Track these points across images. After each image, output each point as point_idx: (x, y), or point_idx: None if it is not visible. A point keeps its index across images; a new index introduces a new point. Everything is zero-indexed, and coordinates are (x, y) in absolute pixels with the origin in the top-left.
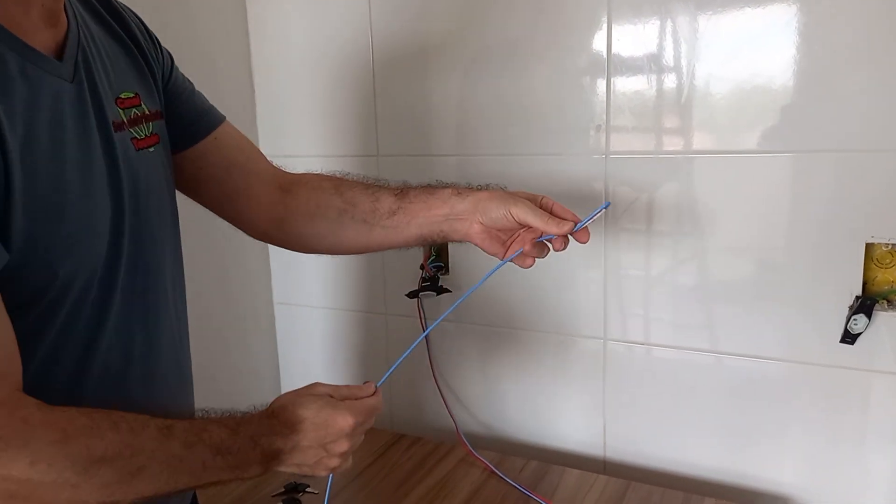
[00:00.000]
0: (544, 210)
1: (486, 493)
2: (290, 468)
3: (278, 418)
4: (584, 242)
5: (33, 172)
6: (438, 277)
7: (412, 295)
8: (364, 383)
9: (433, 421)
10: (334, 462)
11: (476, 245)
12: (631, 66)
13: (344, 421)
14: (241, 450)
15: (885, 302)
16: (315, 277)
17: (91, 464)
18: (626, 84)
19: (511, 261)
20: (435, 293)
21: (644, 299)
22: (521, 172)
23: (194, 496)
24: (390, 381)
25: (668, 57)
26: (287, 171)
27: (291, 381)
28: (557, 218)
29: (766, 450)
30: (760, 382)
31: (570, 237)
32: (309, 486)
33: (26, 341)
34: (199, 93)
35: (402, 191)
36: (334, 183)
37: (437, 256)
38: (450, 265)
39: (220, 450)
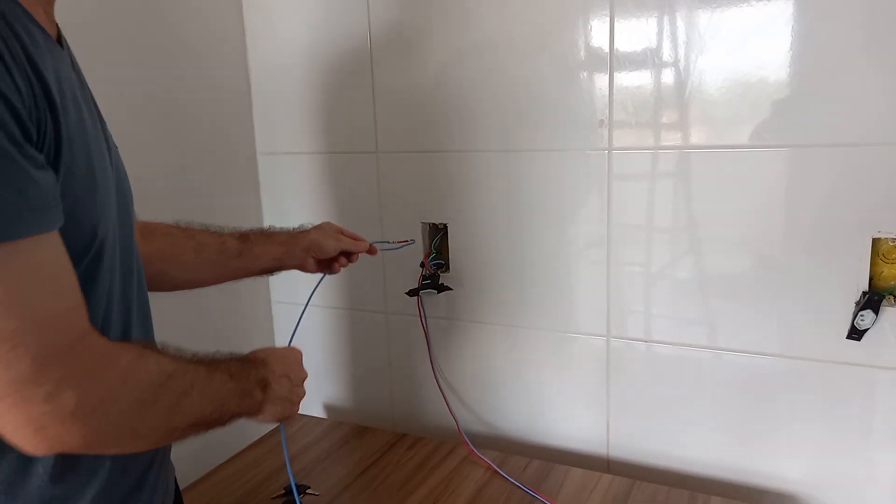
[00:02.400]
0: (347, 235)
1: (489, 493)
2: (274, 404)
3: (248, 359)
4: (374, 254)
5: (70, 140)
6: (439, 275)
7: (412, 293)
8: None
9: (435, 420)
10: (300, 391)
11: (304, 271)
12: (633, 61)
13: (296, 352)
14: (244, 375)
15: (891, 297)
16: (313, 277)
17: (162, 379)
18: (628, 79)
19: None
20: (436, 291)
21: (647, 296)
22: (523, 168)
23: (177, 491)
24: (391, 380)
25: (670, 52)
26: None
27: None
28: (359, 240)
29: (771, 447)
30: (765, 379)
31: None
32: (309, 488)
33: None
34: None
35: (243, 235)
36: (183, 230)
37: (437, 254)
38: (450, 263)
39: (232, 374)
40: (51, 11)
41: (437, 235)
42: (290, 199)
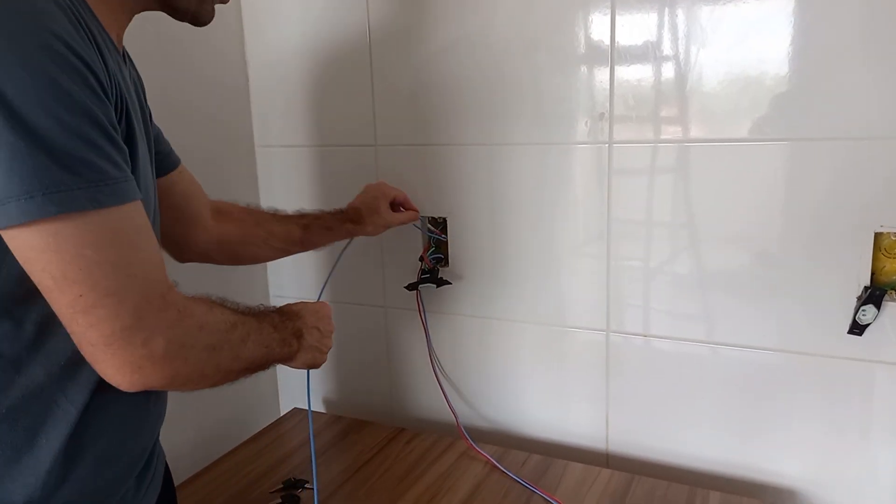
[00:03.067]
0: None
1: (488, 488)
2: (305, 352)
3: (285, 311)
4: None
5: (133, 144)
6: (438, 269)
7: (412, 287)
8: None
9: (434, 415)
10: (328, 342)
11: None
12: (634, 55)
13: (326, 307)
14: (284, 326)
15: (893, 292)
16: (311, 270)
17: (227, 326)
18: (629, 73)
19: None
20: (434, 285)
21: (647, 290)
22: (523, 162)
23: (167, 472)
24: (390, 374)
25: (671, 45)
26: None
27: (288, 374)
28: (410, 210)
29: (771, 442)
30: (765, 374)
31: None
32: (308, 482)
33: None
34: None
35: (306, 225)
36: (253, 216)
37: (436, 248)
38: (449, 257)
39: (276, 325)
40: (122, 35)
41: (437, 229)
42: (289, 193)
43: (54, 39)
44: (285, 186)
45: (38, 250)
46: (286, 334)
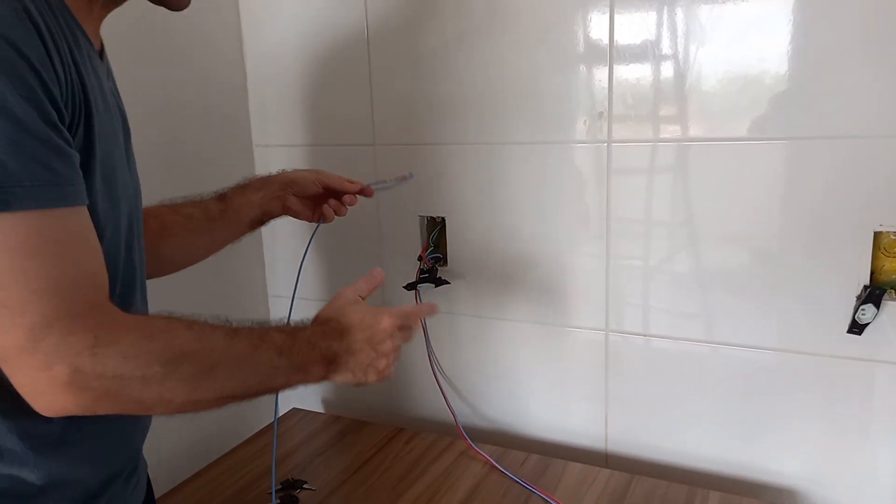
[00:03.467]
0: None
1: (487, 488)
2: (346, 375)
3: (328, 325)
4: (370, 196)
5: (98, 143)
6: (437, 269)
7: (410, 287)
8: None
9: (433, 415)
10: (382, 363)
11: (293, 215)
12: (633, 54)
13: (387, 321)
14: (302, 351)
15: (892, 291)
16: (310, 269)
17: (173, 358)
18: (628, 72)
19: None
20: (433, 285)
21: (646, 290)
22: (521, 161)
23: (149, 485)
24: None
25: (670, 44)
26: None
27: None
28: (349, 180)
29: (771, 442)
30: (765, 374)
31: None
32: (306, 483)
33: None
34: None
35: (221, 195)
36: (168, 207)
37: (435, 248)
38: (448, 257)
39: (283, 350)
40: (98, 27)
41: (435, 229)
42: None
43: None
44: None
45: None
46: (302, 360)
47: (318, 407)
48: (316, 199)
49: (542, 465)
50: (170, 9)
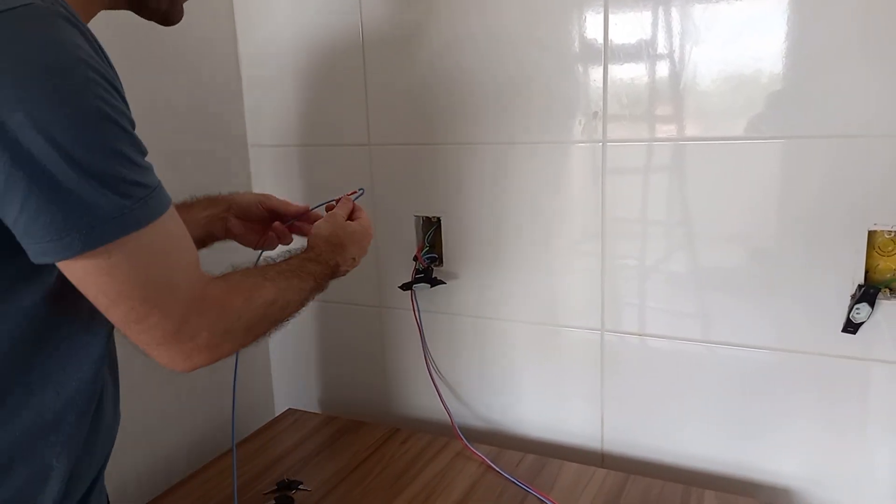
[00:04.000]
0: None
1: (483, 488)
2: (338, 276)
3: (331, 243)
4: (315, 221)
5: None
6: (432, 269)
7: (406, 287)
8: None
9: (429, 415)
10: (358, 263)
11: (236, 239)
12: (627, 53)
13: (370, 234)
14: (322, 272)
15: (887, 290)
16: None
17: (265, 307)
18: (622, 71)
19: (263, 250)
20: (429, 285)
21: (642, 289)
22: (516, 161)
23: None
24: (385, 374)
25: (665, 44)
26: None
27: (285, 375)
28: (294, 204)
29: (766, 441)
30: (760, 373)
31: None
32: (301, 483)
33: None
34: None
35: (187, 204)
36: None
37: (430, 248)
38: (443, 257)
39: (315, 276)
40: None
41: (431, 229)
42: (282, 192)
43: (84, 67)
44: (279, 186)
45: (95, 275)
46: (323, 280)
47: (314, 407)
48: (262, 223)
49: (538, 465)
50: (162, 24)
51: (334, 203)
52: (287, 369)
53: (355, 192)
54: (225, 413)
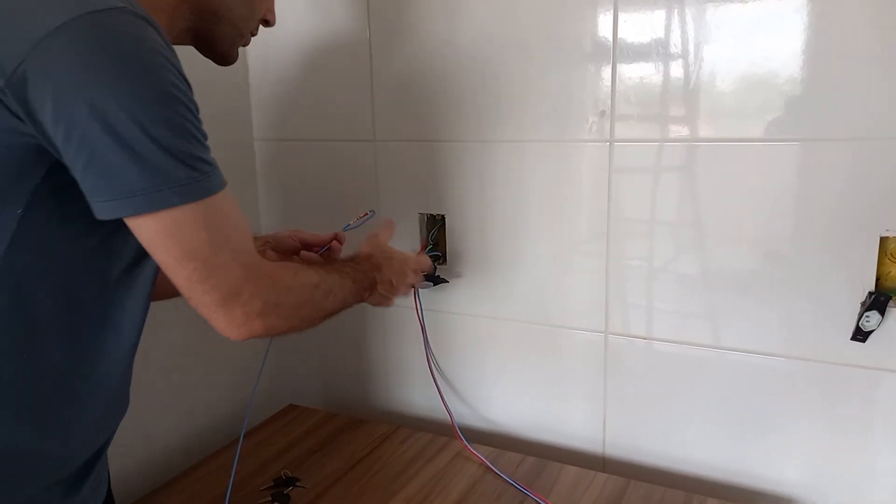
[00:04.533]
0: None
1: (481, 489)
2: (376, 297)
3: (371, 260)
4: (342, 242)
5: None
6: (435, 267)
7: None
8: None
9: (430, 414)
10: (400, 291)
11: None
12: (637, 52)
13: (409, 262)
14: (363, 280)
15: None
16: None
17: (311, 287)
18: (631, 70)
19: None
20: (432, 283)
21: (647, 292)
22: (522, 159)
23: (109, 490)
24: (386, 372)
25: (675, 43)
26: None
27: (287, 372)
28: (323, 234)
29: (771, 449)
30: (766, 379)
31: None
32: (299, 480)
33: None
34: None
35: None
36: None
37: (434, 246)
38: (447, 255)
39: (356, 280)
40: None
41: (435, 227)
42: (288, 187)
43: (161, 59)
44: (284, 180)
45: (163, 235)
46: (363, 288)
47: (314, 403)
48: (294, 254)
49: (538, 467)
50: (220, 63)
51: (350, 224)
52: (289, 365)
53: (366, 215)
54: (224, 407)
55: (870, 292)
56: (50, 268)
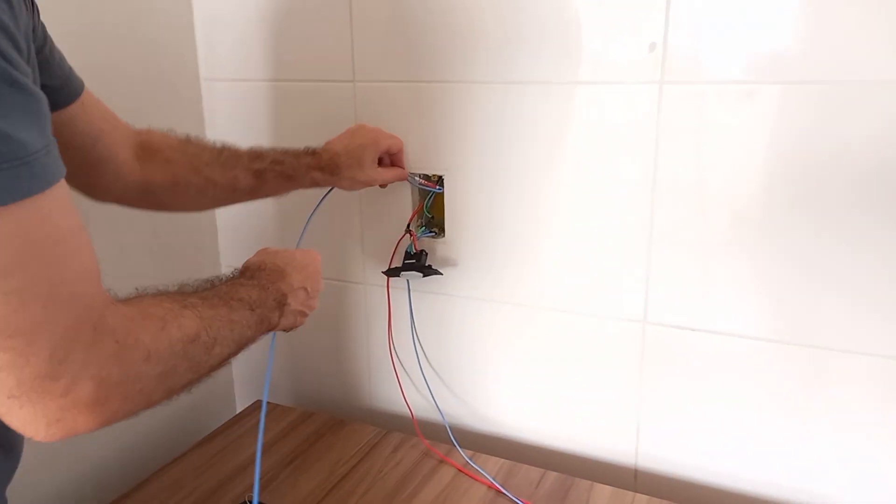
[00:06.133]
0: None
1: None
2: (286, 318)
3: (267, 269)
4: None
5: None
6: (425, 254)
7: (392, 272)
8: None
9: (423, 415)
10: (314, 303)
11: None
12: None
13: (316, 259)
14: (264, 301)
15: None
16: (273, 231)
17: (185, 345)
18: None
19: None
20: (421, 274)
21: (697, 273)
22: (542, 106)
23: None
24: (369, 362)
25: None
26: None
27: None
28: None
29: (833, 467)
30: (843, 384)
31: None
32: None
33: None
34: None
35: (260, 172)
36: (188, 157)
37: (430, 218)
38: (446, 226)
39: (253, 306)
40: None
41: (430, 194)
42: (243, 136)
43: None
44: (238, 128)
45: None
46: (266, 311)
47: (287, 400)
48: None
49: (562, 486)
50: None
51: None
52: (252, 352)
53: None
54: (176, 411)
55: None
56: None
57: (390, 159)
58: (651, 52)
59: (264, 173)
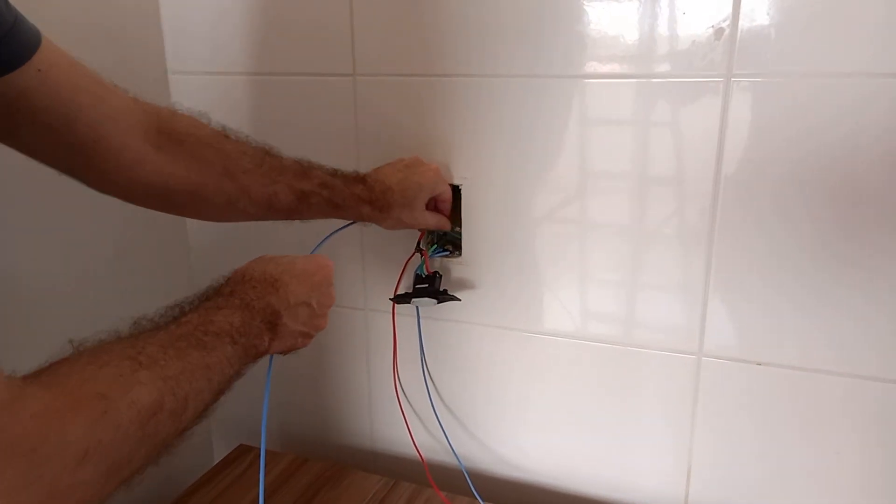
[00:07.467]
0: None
1: None
2: (282, 341)
3: (253, 281)
4: None
5: None
6: (439, 276)
7: (401, 299)
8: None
9: (434, 458)
10: (321, 322)
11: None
12: None
13: (327, 268)
14: (245, 324)
15: None
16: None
17: (145, 423)
18: None
19: None
20: (435, 300)
21: (765, 299)
22: (585, 103)
23: None
24: (370, 401)
25: None
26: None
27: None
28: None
29: None
30: None
31: None
32: None
33: None
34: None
35: (303, 194)
36: (223, 157)
37: (443, 235)
38: (463, 243)
39: (233, 334)
40: None
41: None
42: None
43: None
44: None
45: None
46: (252, 338)
47: (278, 446)
48: None
49: None
50: None
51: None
52: (238, 391)
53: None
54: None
55: None
56: None
57: (435, 204)
58: (717, 39)
59: (309, 196)
